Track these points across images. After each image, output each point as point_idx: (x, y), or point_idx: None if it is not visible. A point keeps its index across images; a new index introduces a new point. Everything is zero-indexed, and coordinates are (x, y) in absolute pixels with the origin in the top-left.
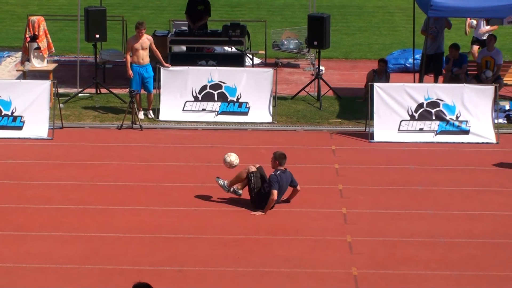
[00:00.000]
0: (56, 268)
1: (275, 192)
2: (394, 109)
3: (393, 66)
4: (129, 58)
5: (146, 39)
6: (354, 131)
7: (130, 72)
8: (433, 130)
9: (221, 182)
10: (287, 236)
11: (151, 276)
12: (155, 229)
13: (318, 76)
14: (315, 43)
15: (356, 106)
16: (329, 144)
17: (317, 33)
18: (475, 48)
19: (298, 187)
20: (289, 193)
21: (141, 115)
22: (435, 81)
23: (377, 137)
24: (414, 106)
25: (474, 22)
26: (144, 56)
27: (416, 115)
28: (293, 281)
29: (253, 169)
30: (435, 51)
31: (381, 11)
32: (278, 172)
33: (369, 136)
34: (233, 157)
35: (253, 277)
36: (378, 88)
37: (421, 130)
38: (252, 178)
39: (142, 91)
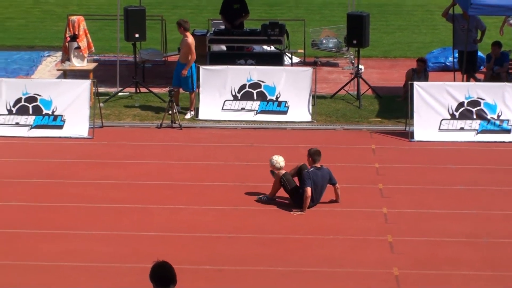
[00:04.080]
0: (96, 266)
1: (308, 190)
2: (434, 108)
3: (433, 65)
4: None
5: (185, 40)
6: (394, 130)
7: (184, 72)
8: (474, 129)
9: (263, 198)
10: (327, 235)
11: (190, 275)
12: (194, 228)
13: (357, 75)
14: (355, 41)
15: (396, 105)
16: (369, 143)
17: (357, 31)
18: None
19: (337, 185)
20: (332, 192)
21: (187, 115)
22: (467, 80)
23: (417, 136)
24: (454, 105)
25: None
26: (182, 56)
27: (457, 114)
28: (334, 281)
29: (282, 172)
30: (469, 49)
31: (421, 9)
32: (312, 169)
33: (409, 135)
34: (280, 159)
35: (293, 276)
36: (418, 87)
37: (461, 129)
38: (284, 181)
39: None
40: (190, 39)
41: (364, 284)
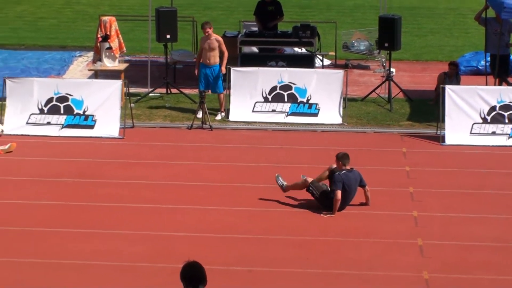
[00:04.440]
0: (127, 266)
1: (338, 193)
2: (466, 112)
3: (465, 69)
4: (198, 58)
5: (215, 40)
6: (425, 133)
7: (196, 71)
8: (506, 134)
9: (280, 182)
10: (357, 238)
11: (220, 276)
12: (225, 229)
13: (388, 78)
14: (386, 44)
15: (427, 109)
16: (400, 147)
17: (388, 34)
18: None
19: (367, 188)
20: (362, 195)
21: (218, 116)
22: (499, 84)
23: (449, 140)
24: (486, 109)
25: None
26: (210, 57)
27: (489, 118)
28: (364, 284)
29: (310, 179)
30: (501, 53)
31: (453, 12)
32: (343, 171)
33: (440, 138)
34: None
35: (323, 279)
36: (450, 90)
37: (493, 133)
38: (312, 189)
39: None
40: (220, 37)
41: (394, 287)
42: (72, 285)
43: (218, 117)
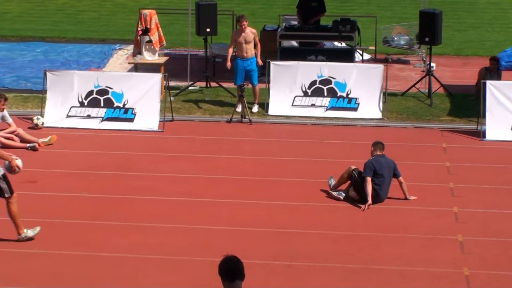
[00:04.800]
0: (166, 259)
1: (368, 179)
2: (507, 107)
3: (506, 64)
4: (230, 51)
5: (250, 33)
6: (465, 129)
7: (228, 63)
8: None
9: (330, 181)
10: (397, 233)
11: (260, 270)
12: (264, 223)
13: (429, 72)
14: (427, 39)
15: (468, 104)
16: (440, 142)
17: (429, 29)
18: None
19: (402, 179)
20: (401, 191)
21: (254, 108)
22: None
23: (489, 136)
24: None
25: None
26: (247, 50)
27: None
28: (403, 280)
29: (353, 167)
30: None
31: (494, 7)
32: (373, 157)
33: (481, 134)
34: None
35: (363, 274)
36: (491, 85)
37: None
38: (355, 175)
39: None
40: (254, 29)
41: (434, 283)
42: (111, 278)
43: (255, 109)
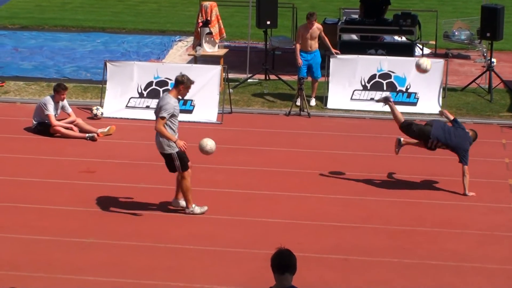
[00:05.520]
0: (222, 251)
1: (466, 168)
2: None
3: None
4: (298, 47)
5: (316, 28)
6: None
7: (300, 61)
8: None
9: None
10: (454, 229)
11: (315, 263)
12: (320, 217)
13: (489, 68)
14: (488, 34)
15: None
16: (500, 138)
17: (490, 24)
18: None
19: (466, 170)
20: (458, 185)
21: (312, 102)
22: None
23: None
24: None
25: None
26: (312, 44)
27: None
28: (460, 276)
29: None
30: None
31: None
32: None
33: None
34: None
35: (419, 269)
36: None
37: None
38: (406, 125)
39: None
40: (320, 25)
41: (491, 280)
42: (166, 269)
43: (312, 102)
